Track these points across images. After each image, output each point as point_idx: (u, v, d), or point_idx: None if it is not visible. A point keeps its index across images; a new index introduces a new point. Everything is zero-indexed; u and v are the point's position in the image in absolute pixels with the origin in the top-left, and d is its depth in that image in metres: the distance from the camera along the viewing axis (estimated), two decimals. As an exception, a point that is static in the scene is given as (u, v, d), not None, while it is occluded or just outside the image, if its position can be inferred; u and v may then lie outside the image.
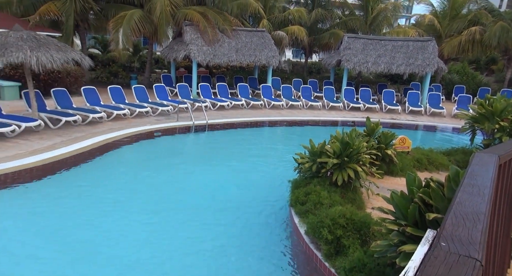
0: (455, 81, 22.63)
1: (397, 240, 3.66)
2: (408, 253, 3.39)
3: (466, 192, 1.55)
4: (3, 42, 8.93)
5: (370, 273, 3.88)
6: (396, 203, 3.89)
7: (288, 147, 11.80)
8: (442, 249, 1.05)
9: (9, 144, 8.67)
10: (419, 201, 3.65)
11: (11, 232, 5.55)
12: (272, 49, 18.69)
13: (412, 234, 3.55)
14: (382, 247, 3.83)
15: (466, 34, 21.18)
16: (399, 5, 24.78)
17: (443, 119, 16.50)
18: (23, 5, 16.03)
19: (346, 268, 4.08)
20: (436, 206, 3.51)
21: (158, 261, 5.01)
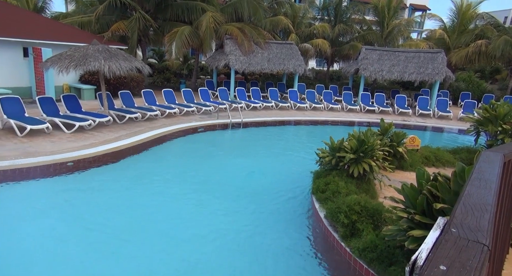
0: (461, 88, 21.43)
1: (406, 226, 3.56)
2: (416, 237, 3.29)
3: (475, 186, 1.49)
4: (84, 54, 9.35)
5: (381, 253, 3.80)
6: (406, 194, 3.78)
7: (311, 142, 11.67)
8: (452, 234, 1.02)
9: (87, 135, 9.12)
10: (427, 192, 3.53)
11: (90, 203, 5.88)
12: (298, 59, 18.49)
13: (420, 221, 3.45)
14: (392, 232, 3.74)
15: (473, 46, 19.98)
16: (411, 21, 23.73)
17: (450, 122, 15.70)
18: (100, 24, 16.74)
19: (359, 248, 4.01)
20: (443, 198, 3.38)
21: (202, 236, 5.14)
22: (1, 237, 4.70)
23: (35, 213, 5.49)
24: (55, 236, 4.85)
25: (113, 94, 12.79)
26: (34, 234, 4.85)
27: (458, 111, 16.97)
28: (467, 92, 20.43)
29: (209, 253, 4.64)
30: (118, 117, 10.84)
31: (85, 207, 5.78)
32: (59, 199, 6.07)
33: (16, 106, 9.12)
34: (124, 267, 4.27)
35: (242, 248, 4.80)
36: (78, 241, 4.74)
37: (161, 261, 4.42)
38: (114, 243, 4.75)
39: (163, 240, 4.92)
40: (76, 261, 4.31)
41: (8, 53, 12.44)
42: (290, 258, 4.62)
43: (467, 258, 0.90)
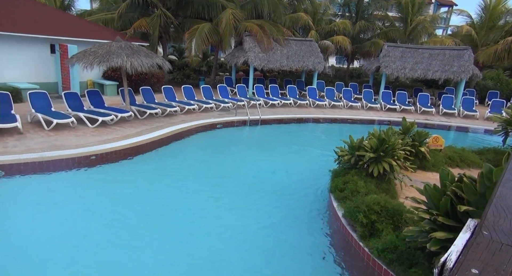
0: (489, 87, 20.56)
1: (428, 228, 3.46)
2: (439, 239, 3.19)
3: (507, 187, 1.42)
4: (108, 50, 9.57)
5: (401, 255, 3.71)
6: (429, 195, 3.67)
7: (329, 140, 11.54)
8: (484, 237, 0.98)
9: (109, 129, 9.37)
10: (451, 194, 3.41)
11: (111, 196, 6.05)
12: (318, 56, 18.26)
13: (443, 223, 3.34)
14: (413, 233, 3.64)
15: (502, 43, 19.08)
16: (437, 17, 22.93)
17: (476, 121, 15.11)
18: (122, 21, 17.11)
19: (379, 248, 3.94)
20: (468, 200, 3.26)
21: (221, 230, 5.19)
22: (25, 224, 4.91)
23: (59, 203, 5.70)
24: (76, 227, 5.02)
25: (135, 90, 13.05)
26: (56, 223, 5.04)
27: (485, 111, 16.30)
28: (495, 91, 19.60)
29: (224, 249, 4.67)
30: (139, 113, 11.06)
31: (106, 200, 5.95)
32: (82, 191, 6.28)
33: (44, 101, 9.47)
34: (140, 259, 4.37)
35: (258, 245, 4.80)
36: (97, 233, 4.89)
37: (177, 255, 4.49)
38: (131, 236, 4.87)
39: (179, 234, 4.99)
40: (93, 253, 4.45)
41: (37, 49, 12.91)
42: (306, 256, 4.59)
43: (501, 262, 0.86)
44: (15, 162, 6.55)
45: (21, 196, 5.81)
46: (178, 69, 21.17)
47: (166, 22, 16.75)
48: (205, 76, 21.01)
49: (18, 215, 5.21)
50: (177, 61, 22.81)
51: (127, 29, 16.21)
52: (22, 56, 12.53)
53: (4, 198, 5.68)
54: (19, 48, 12.39)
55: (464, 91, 17.75)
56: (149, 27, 16.23)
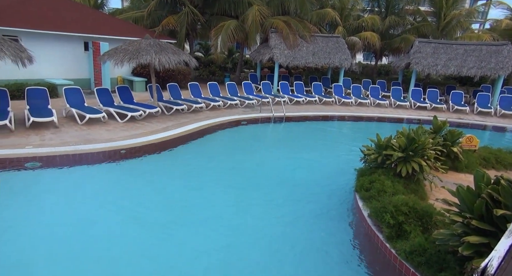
0: (530, 85, 19.27)
1: (461, 231, 3.31)
2: (472, 244, 3.04)
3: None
4: (137, 48, 9.86)
5: (430, 258, 3.57)
6: (462, 197, 3.50)
7: (354, 139, 11.29)
8: (529, 242, 0.91)
9: (137, 124, 9.66)
10: (487, 196, 3.23)
11: (135, 188, 6.25)
12: (345, 52, 17.87)
13: (477, 227, 3.17)
14: (444, 236, 3.49)
15: (546, 37, 17.82)
16: (473, 11, 21.72)
17: (514, 121, 14.24)
18: (151, 19, 17.58)
19: (406, 250, 3.81)
20: (506, 203, 3.08)
21: (242, 227, 5.22)
22: (57, 213, 5.17)
23: (89, 195, 5.96)
24: (105, 217, 5.22)
25: (162, 86, 13.36)
26: (86, 213, 5.27)
27: (525, 110, 15.32)
28: (537, 89, 18.33)
29: (245, 246, 4.67)
30: (166, 109, 11.32)
31: (133, 192, 6.15)
32: (112, 183, 6.53)
33: (77, 96, 9.91)
34: (163, 252, 4.48)
35: (281, 243, 4.78)
36: (124, 224, 5.06)
37: (198, 250, 4.56)
38: (156, 228, 5.00)
39: (201, 229, 5.06)
40: (119, 242, 4.61)
41: (71, 47, 13.52)
42: (330, 256, 4.53)
43: (548, 269, 0.80)
44: (51, 154, 6.91)
45: (55, 187, 6.13)
46: (204, 66, 21.45)
47: (193, 20, 17.01)
48: (230, 73, 21.15)
49: (52, 205, 5.49)
50: (203, 58, 23.10)
51: (156, 27, 16.62)
52: (58, 54, 13.17)
53: (40, 189, 6.02)
54: (55, 46, 13.03)
55: (502, 89, 16.75)
56: (177, 25, 16.54)
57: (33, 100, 8.98)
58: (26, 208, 5.27)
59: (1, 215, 5.00)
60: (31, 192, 5.84)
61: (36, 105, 8.93)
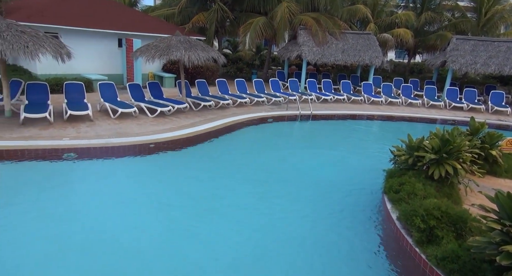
0: None
1: (499, 239, 3.12)
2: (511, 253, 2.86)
3: None
4: (168, 44, 10.09)
5: (464, 265, 3.40)
6: (501, 203, 3.30)
7: (383, 139, 10.97)
8: None
9: (166, 120, 9.91)
10: (530, 204, 3.02)
11: (162, 181, 6.42)
12: (376, 50, 17.34)
13: (518, 236, 2.98)
14: (480, 243, 3.31)
15: None
16: (519, 5, 20.31)
17: (561, 125, 13.21)
18: (182, 16, 17.94)
19: (438, 256, 3.65)
20: (552, 212, 2.87)
21: (264, 225, 5.23)
22: (90, 202, 5.41)
23: (119, 187, 6.20)
24: (134, 208, 5.41)
25: (191, 82, 13.58)
26: (117, 205, 5.48)
27: None
28: None
29: (271, 245, 4.64)
30: (194, 105, 11.52)
31: (161, 185, 6.33)
32: (140, 176, 6.75)
33: (111, 91, 10.31)
34: (190, 246, 4.58)
35: (305, 243, 4.73)
36: (150, 216, 5.22)
37: (223, 246, 4.60)
38: (181, 221, 5.11)
39: (226, 226, 5.10)
40: (148, 234, 4.76)
41: (106, 44, 14.08)
42: (356, 258, 4.43)
43: None
44: (86, 146, 7.24)
45: (89, 177, 6.43)
46: (232, 63, 21.60)
47: (222, 17, 17.16)
48: (257, 70, 21.16)
49: (85, 194, 5.77)
50: (231, 55, 23.27)
51: (186, 24, 16.92)
52: (94, 50, 13.75)
53: (76, 178, 6.34)
54: (92, 42, 13.61)
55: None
56: (206, 22, 16.76)
57: (70, 94, 9.45)
58: (62, 196, 5.57)
59: (42, 202, 5.31)
60: (67, 181, 6.17)
61: (73, 99, 9.39)
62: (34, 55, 7.57)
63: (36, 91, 8.93)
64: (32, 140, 7.12)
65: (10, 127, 7.80)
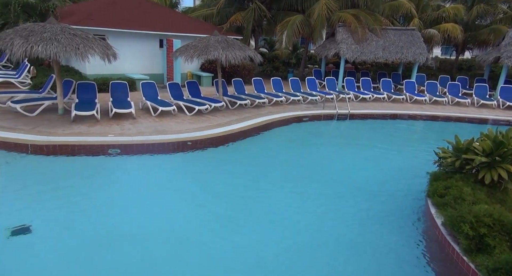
0: None
1: (563, 252, 2.82)
2: None
3: None
4: (206, 44, 10.32)
5: (519, 279, 3.12)
6: None
7: (427, 140, 10.40)
8: None
9: (203, 118, 10.15)
10: None
11: (199, 178, 6.58)
12: (420, 46, 16.46)
13: None
14: (539, 255, 3.02)
15: None
16: None
17: None
18: (220, 16, 18.30)
19: (489, 267, 3.39)
20: None
21: (302, 226, 5.17)
22: (131, 195, 5.69)
23: (158, 181, 6.45)
24: (171, 204, 5.60)
25: (227, 81, 13.79)
26: (155, 198, 5.71)
27: None
28: None
29: (308, 247, 4.56)
30: (230, 103, 11.68)
31: (197, 182, 6.50)
32: (178, 172, 6.99)
33: (152, 90, 10.77)
34: (227, 242, 4.64)
35: (342, 246, 4.60)
36: (185, 211, 5.38)
37: (260, 245, 4.61)
38: (216, 218, 5.19)
39: (261, 225, 5.11)
40: (185, 228, 4.90)
41: (149, 44, 14.72)
42: (398, 263, 4.24)
43: None
44: (129, 143, 7.62)
45: (131, 172, 6.78)
46: (268, 61, 21.61)
47: (259, 16, 17.23)
48: (294, 69, 20.98)
49: (127, 187, 6.08)
50: (267, 53, 23.30)
51: (224, 24, 17.20)
52: (137, 51, 14.44)
53: (119, 172, 6.70)
54: (135, 43, 14.30)
55: None
56: (244, 21, 16.92)
57: (115, 93, 10.00)
58: (107, 188, 5.93)
59: (90, 193, 5.69)
60: (112, 174, 6.55)
61: (118, 98, 9.93)
62: (84, 56, 8.10)
63: (85, 90, 9.56)
64: (82, 136, 7.63)
65: (63, 124, 8.42)
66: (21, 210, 4.94)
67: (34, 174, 6.24)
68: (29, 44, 7.44)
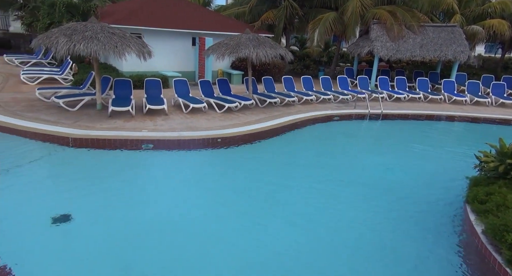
0: None
1: None
2: None
3: None
4: (238, 42, 10.40)
5: None
6: None
7: (466, 143, 9.84)
8: None
9: (233, 115, 10.24)
10: None
11: (227, 175, 6.65)
12: (461, 44, 15.57)
13: None
14: None
15: None
16: None
17: None
18: (252, 14, 18.37)
19: (535, 280, 3.14)
20: None
21: (332, 227, 5.08)
22: (163, 189, 5.86)
23: (188, 177, 6.59)
24: (199, 199, 5.71)
25: (257, 79, 13.82)
26: (184, 193, 5.84)
27: None
28: None
29: (341, 252, 4.46)
30: (260, 101, 11.70)
31: (225, 179, 6.57)
32: (207, 168, 7.10)
33: (184, 87, 11.02)
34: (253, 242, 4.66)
35: (374, 253, 4.44)
36: (213, 207, 5.45)
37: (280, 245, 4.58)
38: (242, 216, 5.23)
39: (285, 224, 5.07)
40: (212, 223, 4.97)
41: (182, 42, 15.07)
42: (434, 273, 4.04)
43: None
44: (161, 138, 7.86)
45: (162, 167, 6.99)
46: (299, 59, 21.40)
47: (291, 13, 17.10)
48: (325, 67, 20.63)
49: (159, 181, 6.28)
50: (298, 51, 23.08)
51: (256, 22, 17.24)
52: (170, 48, 14.83)
53: (152, 167, 6.93)
54: (169, 41, 14.69)
55: None
56: (275, 19, 16.85)
57: (149, 90, 10.34)
58: (141, 182, 6.16)
59: (124, 185, 5.94)
60: (145, 168, 6.79)
61: (152, 94, 10.25)
62: (122, 54, 8.44)
63: (121, 87, 9.97)
64: (117, 131, 7.97)
65: (100, 118, 8.84)
66: (62, 199, 5.25)
67: (73, 166, 6.61)
68: (72, 42, 7.87)
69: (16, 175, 5.85)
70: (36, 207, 4.99)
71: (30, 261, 3.85)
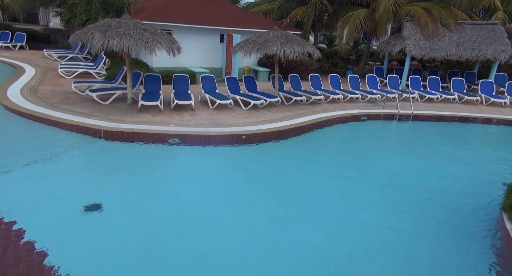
0: None
1: None
2: None
3: None
4: (265, 39, 10.36)
5: None
6: None
7: (502, 146, 9.34)
8: None
9: (258, 112, 10.25)
10: None
11: (251, 171, 6.67)
12: (502, 43, 14.67)
13: None
14: None
15: None
16: None
17: None
18: (280, 11, 18.27)
19: None
20: None
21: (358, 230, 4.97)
22: (188, 182, 5.97)
23: (213, 172, 6.68)
24: (223, 193, 5.77)
25: (284, 77, 13.73)
26: (209, 187, 5.92)
27: None
28: None
29: (370, 258, 4.33)
30: (286, 99, 11.62)
31: (249, 175, 6.60)
32: (232, 164, 7.16)
33: (211, 83, 11.15)
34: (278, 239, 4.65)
35: (403, 259, 4.29)
36: (236, 203, 5.49)
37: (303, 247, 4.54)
38: (264, 213, 5.23)
39: (313, 224, 5.03)
40: (231, 217, 5.01)
41: (210, 39, 15.24)
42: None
43: None
44: (188, 133, 8.00)
45: (188, 161, 7.13)
46: (326, 57, 21.03)
47: (321, 10, 16.81)
48: (353, 66, 20.15)
49: (185, 175, 6.41)
50: (326, 49, 22.68)
51: (284, 19, 17.10)
52: (199, 45, 15.04)
53: (178, 161, 7.09)
54: (198, 38, 14.90)
55: None
56: (304, 16, 16.64)
57: (177, 85, 10.55)
58: (168, 175, 6.32)
59: (152, 178, 6.12)
60: (172, 162, 6.97)
61: (180, 90, 10.47)
62: (152, 50, 8.67)
63: (151, 82, 10.25)
64: (146, 125, 8.21)
65: (130, 113, 9.14)
66: (93, 189, 5.49)
67: (104, 157, 6.88)
68: (106, 38, 8.16)
69: (53, 164, 6.18)
70: (70, 195, 5.25)
71: (65, 245, 4.06)
